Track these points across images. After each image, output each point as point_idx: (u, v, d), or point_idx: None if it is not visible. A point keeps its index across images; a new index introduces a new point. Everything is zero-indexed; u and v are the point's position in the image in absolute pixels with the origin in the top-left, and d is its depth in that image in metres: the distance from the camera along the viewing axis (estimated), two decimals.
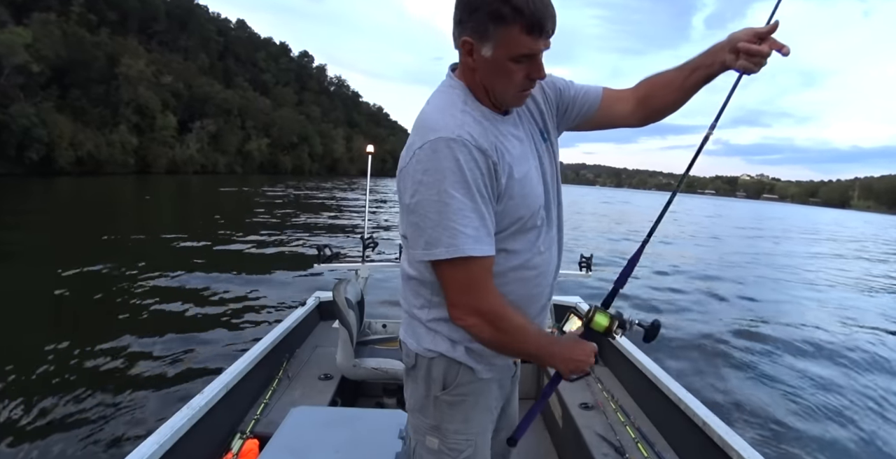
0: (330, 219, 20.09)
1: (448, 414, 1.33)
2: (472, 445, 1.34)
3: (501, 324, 1.18)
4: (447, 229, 1.09)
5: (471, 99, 1.20)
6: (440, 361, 1.32)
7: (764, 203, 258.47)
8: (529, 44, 1.06)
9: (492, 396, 1.39)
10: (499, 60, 1.10)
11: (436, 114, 1.17)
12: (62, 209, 20.52)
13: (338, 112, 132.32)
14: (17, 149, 40.29)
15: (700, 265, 14.49)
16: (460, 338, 1.29)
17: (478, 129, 1.13)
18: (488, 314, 1.17)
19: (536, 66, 1.12)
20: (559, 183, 1.37)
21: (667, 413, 2.61)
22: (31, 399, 4.21)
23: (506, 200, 1.17)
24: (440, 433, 1.34)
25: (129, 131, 54.66)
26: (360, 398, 3.47)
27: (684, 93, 1.35)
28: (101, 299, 7.32)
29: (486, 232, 1.13)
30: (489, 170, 1.12)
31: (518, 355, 1.33)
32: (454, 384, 1.32)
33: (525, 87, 1.16)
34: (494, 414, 1.43)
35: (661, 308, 8.76)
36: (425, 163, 1.10)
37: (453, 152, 1.09)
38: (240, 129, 79.44)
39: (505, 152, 1.17)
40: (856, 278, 15.26)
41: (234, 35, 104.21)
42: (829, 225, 56.20)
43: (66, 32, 50.16)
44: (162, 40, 76.98)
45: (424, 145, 1.11)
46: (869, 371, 6.43)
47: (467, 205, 1.09)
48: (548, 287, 1.36)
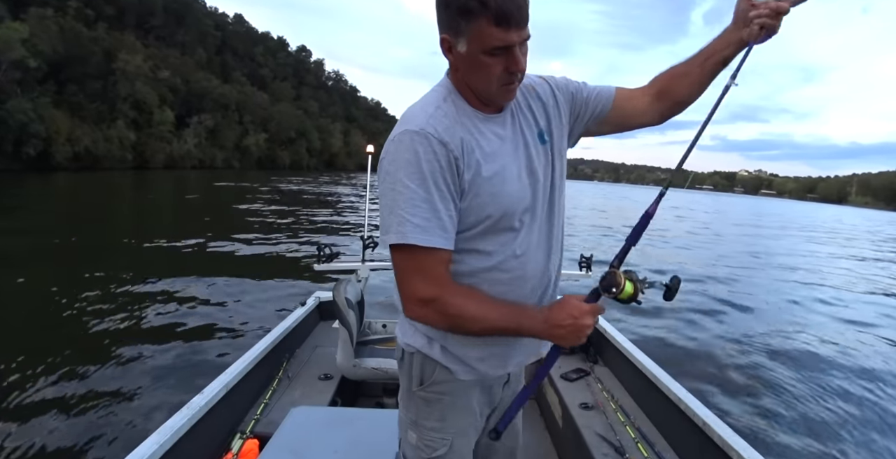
0: (329, 217, 20.04)
1: (424, 411, 1.34)
2: (446, 444, 1.33)
3: (450, 309, 1.15)
4: (397, 216, 1.12)
5: (453, 96, 1.21)
6: (417, 357, 1.33)
7: (762, 198, 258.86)
8: (500, 35, 1.05)
9: (473, 398, 1.36)
10: (474, 55, 1.10)
11: (412, 110, 1.20)
12: (60, 205, 20.48)
13: (336, 107, 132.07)
14: (14, 145, 40.13)
15: (700, 265, 14.51)
16: (436, 336, 1.29)
17: (445, 123, 1.15)
18: (432, 302, 1.14)
19: (513, 58, 1.10)
20: (557, 186, 1.33)
21: (667, 413, 2.61)
22: (29, 399, 4.21)
23: (471, 197, 1.17)
24: (417, 428, 1.35)
25: (127, 126, 54.40)
26: (360, 398, 3.47)
27: (701, 82, 1.32)
28: (97, 296, 7.28)
29: (437, 225, 1.12)
30: (449, 164, 1.13)
31: (490, 333, 1.22)
32: (430, 381, 1.32)
33: (506, 81, 1.14)
34: (479, 418, 1.40)
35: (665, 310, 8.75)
36: (391, 155, 1.14)
37: (414, 144, 1.12)
38: (237, 124, 79.26)
39: (476, 148, 1.17)
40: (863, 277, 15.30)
41: (231, 29, 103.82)
42: (828, 221, 56.21)
43: (62, 27, 49.89)
44: (159, 35, 76.63)
45: (394, 138, 1.16)
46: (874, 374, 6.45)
47: (420, 196, 1.11)
48: (532, 290, 1.30)
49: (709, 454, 2.22)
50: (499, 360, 1.33)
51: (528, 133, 1.28)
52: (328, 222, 18.04)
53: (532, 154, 1.27)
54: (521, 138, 1.27)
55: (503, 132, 1.24)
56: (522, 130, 1.28)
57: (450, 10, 1.08)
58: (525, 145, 1.27)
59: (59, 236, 12.04)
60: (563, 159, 1.37)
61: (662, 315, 8.29)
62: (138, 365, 4.98)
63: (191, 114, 68.30)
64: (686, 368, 5.88)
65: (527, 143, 1.27)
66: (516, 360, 1.37)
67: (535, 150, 1.28)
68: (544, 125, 1.32)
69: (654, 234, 20.76)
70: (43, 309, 6.73)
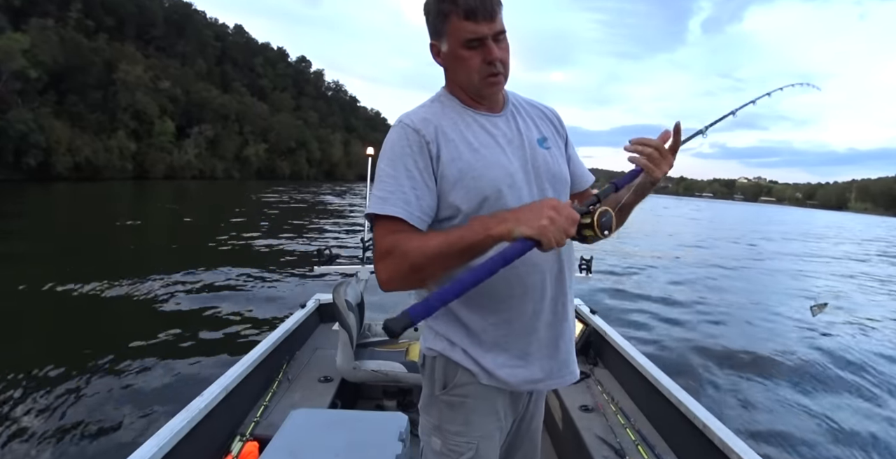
0: (329, 219, 20.08)
1: (448, 415, 1.33)
2: (472, 448, 1.31)
3: (409, 250, 1.11)
4: (373, 195, 1.23)
5: (443, 98, 1.32)
6: (440, 360, 1.33)
7: (761, 205, 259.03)
8: (470, 28, 1.16)
9: (497, 402, 1.35)
10: (454, 51, 1.22)
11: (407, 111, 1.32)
12: (60, 214, 20.52)
13: (335, 117, 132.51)
14: (14, 155, 40.25)
15: (703, 268, 14.52)
16: (458, 340, 1.30)
17: (422, 116, 1.26)
18: (392, 251, 1.13)
19: (487, 48, 1.19)
20: (559, 189, 1.34)
21: (667, 415, 2.60)
22: (28, 402, 4.21)
23: (440, 182, 1.22)
24: (441, 433, 1.34)
25: (127, 137, 54.59)
26: (360, 400, 3.46)
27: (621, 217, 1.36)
28: (97, 301, 7.31)
29: (400, 198, 1.18)
30: (421, 148, 1.22)
31: (463, 255, 1.10)
32: (453, 384, 1.31)
33: (486, 72, 1.22)
34: (503, 422, 1.38)
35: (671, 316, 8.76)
36: (381, 148, 1.29)
37: (392, 135, 1.26)
38: (237, 135, 79.42)
39: (457, 138, 1.24)
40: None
41: (231, 40, 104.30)
42: (831, 228, 56.32)
43: (63, 38, 50.20)
44: (159, 46, 77.02)
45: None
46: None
47: (388, 174, 1.21)
48: (523, 289, 1.26)
49: (709, 456, 2.21)
50: (518, 370, 1.30)
51: (527, 134, 1.33)
52: (328, 226, 18.09)
53: (529, 155, 1.30)
54: (519, 138, 1.31)
55: (496, 130, 1.29)
56: (521, 131, 1.32)
57: (430, 16, 1.23)
58: (522, 145, 1.30)
59: (54, 242, 12.08)
60: (565, 167, 1.40)
61: (663, 315, 8.32)
62: (137, 367, 4.98)
63: (191, 124, 68.48)
64: (686, 370, 5.90)
65: (523, 143, 1.31)
66: (537, 375, 1.32)
67: (532, 151, 1.31)
68: (551, 135, 1.39)
69: (655, 236, 20.79)
70: (40, 312, 6.75)
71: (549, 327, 1.32)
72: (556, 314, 1.32)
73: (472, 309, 1.28)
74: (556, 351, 1.34)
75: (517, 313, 1.27)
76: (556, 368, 1.35)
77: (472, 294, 1.04)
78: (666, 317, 8.37)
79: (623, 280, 11.68)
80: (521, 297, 1.27)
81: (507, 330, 1.28)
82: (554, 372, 1.34)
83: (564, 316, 1.34)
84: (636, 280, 11.88)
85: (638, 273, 12.86)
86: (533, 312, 1.29)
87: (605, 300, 9.14)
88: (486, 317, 1.27)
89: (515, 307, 1.27)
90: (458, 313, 1.30)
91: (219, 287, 8.38)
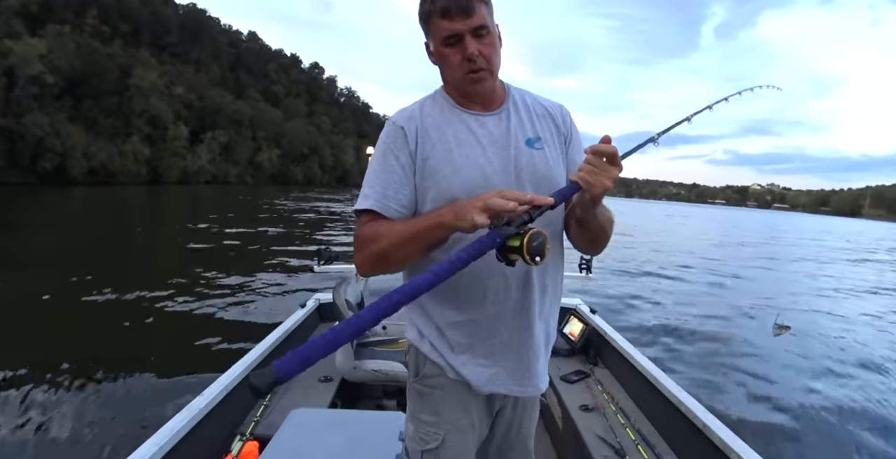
0: (329, 220, 20.14)
1: (418, 404, 1.38)
2: (439, 439, 1.33)
3: (368, 235, 1.21)
4: (360, 192, 1.30)
5: (435, 96, 1.36)
6: (413, 350, 1.39)
7: (775, 212, 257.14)
8: (447, 26, 1.20)
9: (468, 399, 1.35)
10: (438, 49, 1.25)
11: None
12: (75, 217, 20.75)
13: (348, 123, 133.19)
14: (31, 159, 40.84)
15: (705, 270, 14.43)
16: (426, 332, 1.34)
17: (409, 114, 1.31)
18: (358, 237, 1.24)
19: (464, 45, 1.21)
20: (545, 191, 1.23)
21: (667, 415, 2.59)
22: (30, 401, 4.26)
23: (418, 179, 1.26)
24: (413, 420, 1.38)
25: (142, 142, 55.26)
26: (360, 400, 3.46)
27: (586, 238, 1.33)
28: (101, 302, 7.38)
29: (378, 192, 1.26)
30: (403, 144, 1.27)
31: (417, 242, 1.13)
32: (422, 374, 1.36)
33: (467, 69, 1.24)
34: (476, 421, 1.38)
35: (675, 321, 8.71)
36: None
37: (383, 130, 1.33)
38: (251, 140, 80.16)
39: (435, 135, 1.28)
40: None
41: (245, 47, 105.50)
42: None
43: (79, 44, 51.02)
44: (174, 52, 77.99)
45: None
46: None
47: (373, 169, 1.29)
48: (483, 291, 1.26)
49: (709, 456, 2.19)
50: (482, 369, 1.30)
51: (515, 134, 1.30)
52: (329, 227, 18.15)
53: (511, 154, 1.28)
54: (505, 137, 1.29)
55: (481, 129, 1.29)
56: (510, 130, 1.30)
57: (420, 19, 1.26)
58: (506, 145, 1.28)
59: (68, 244, 12.22)
60: (560, 169, 1.34)
61: (663, 316, 8.28)
62: (138, 367, 5.00)
63: (205, 129, 69.19)
64: (686, 370, 5.87)
65: (508, 143, 1.28)
66: (501, 378, 1.32)
67: (517, 151, 1.28)
68: (543, 135, 1.34)
69: (656, 239, 20.66)
70: (50, 314, 6.81)
71: (515, 331, 1.30)
72: (522, 319, 1.30)
73: (438, 305, 1.31)
74: (523, 357, 1.33)
75: (478, 314, 1.28)
76: (521, 374, 1.33)
77: (438, 290, 1.00)
78: (666, 317, 8.37)
79: (623, 279, 11.68)
80: (482, 300, 1.27)
81: (471, 329, 1.29)
82: (519, 378, 1.33)
83: (530, 323, 1.31)
84: (637, 280, 11.88)
85: (639, 273, 12.87)
86: (495, 314, 1.28)
87: (605, 300, 9.10)
88: (451, 315, 1.30)
89: (478, 308, 1.28)
90: (427, 308, 1.33)
91: (219, 287, 8.44)
